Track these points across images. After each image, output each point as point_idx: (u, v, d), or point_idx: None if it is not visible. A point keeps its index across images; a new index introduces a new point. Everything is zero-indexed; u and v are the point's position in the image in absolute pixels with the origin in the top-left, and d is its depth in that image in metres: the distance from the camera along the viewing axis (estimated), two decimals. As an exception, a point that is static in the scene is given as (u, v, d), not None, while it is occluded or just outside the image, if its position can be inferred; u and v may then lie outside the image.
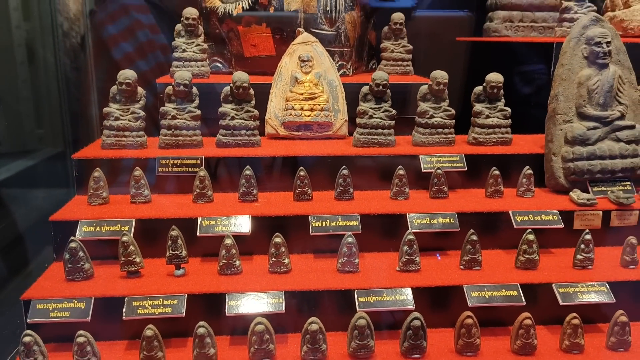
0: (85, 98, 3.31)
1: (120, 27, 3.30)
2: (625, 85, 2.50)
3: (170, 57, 2.97)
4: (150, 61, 3.31)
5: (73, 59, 3.28)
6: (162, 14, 3.47)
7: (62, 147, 3.29)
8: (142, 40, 3.31)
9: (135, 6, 3.37)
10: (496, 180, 2.43)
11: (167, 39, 3.32)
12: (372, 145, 2.62)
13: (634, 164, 2.44)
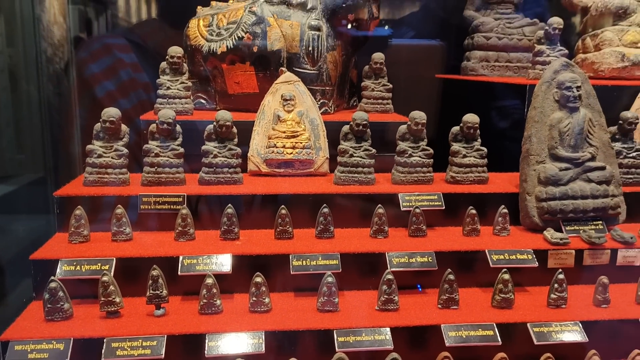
0: (68, 132, 3.33)
1: (103, 65, 3.36)
2: (595, 127, 2.60)
3: (152, 95, 3.02)
4: (132, 99, 3.36)
5: (56, 85, 3.31)
6: (144, 52, 3.54)
7: (43, 173, 3.29)
8: (125, 79, 3.37)
9: (118, 45, 3.44)
10: (473, 219, 2.49)
11: (149, 77, 3.38)
12: (352, 183, 2.67)
13: (605, 204, 2.52)
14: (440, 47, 4.62)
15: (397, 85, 3.50)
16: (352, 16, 3.19)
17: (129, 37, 3.60)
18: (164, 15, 3.89)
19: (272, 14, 3.12)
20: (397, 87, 3.49)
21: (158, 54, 3.11)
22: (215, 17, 3.23)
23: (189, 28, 3.26)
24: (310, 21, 3.10)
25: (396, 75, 3.77)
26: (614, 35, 3.39)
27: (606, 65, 3.36)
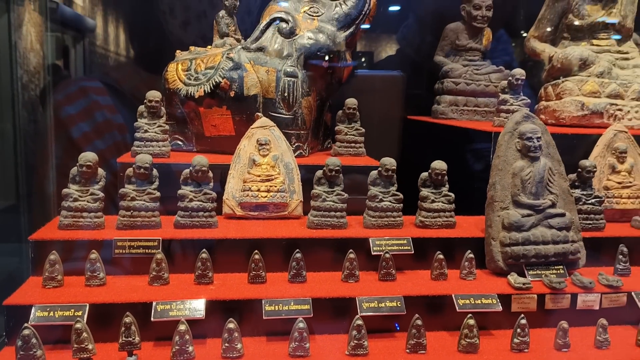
0: (43, 167, 3.34)
1: (79, 107, 3.42)
2: (555, 176, 2.74)
3: (127, 136, 3.07)
4: (107, 140, 3.42)
5: (31, 112, 3.34)
6: (119, 95, 3.62)
7: (15, 200, 3.28)
8: (100, 120, 3.44)
9: (94, 88, 3.52)
10: (440, 263, 2.58)
11: (124, 119, 3.45)
12: (325, 227, 2.74)
13: (565, 249, 2.64)
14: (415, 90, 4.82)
15: (371, 125, 3.62)
16: (326, 63, 3.31)
17: (105, 80, 3.68)
18: (140, 59, 3.99)
19: (249, 60, 3.23)
20: (371, 128, 3.62)
21: (133, 97, 3.18)
22: (193, 61, 3.32)
23: (167, 72, 3.34)
24: (286, 68, 3.21)
25: (370, 116, 3.92)
26: (574, 85, 3.58)
27: (567, 113, 3.54)
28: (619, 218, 3.11)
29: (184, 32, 3.90)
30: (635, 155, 3.16)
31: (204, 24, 3.87)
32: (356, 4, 3.36)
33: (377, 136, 4.17)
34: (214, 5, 3.85)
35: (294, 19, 3.28)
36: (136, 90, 3.51)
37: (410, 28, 4.82)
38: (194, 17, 3.90)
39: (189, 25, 3.91)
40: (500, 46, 4.67)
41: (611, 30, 3.92)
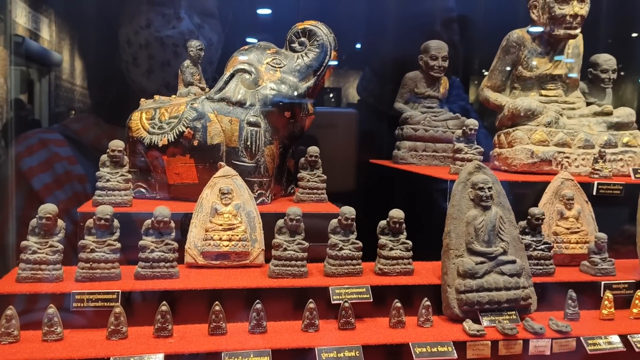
0: (3, 220, 3.31)
1: (39, 159, 3.44)
2: (506, 224, 2.87)
3: (87, 186, 3.08)
4: (67, 191, 3.43)
5: None
6: (79, 145, 3.66)
7: None
8: (61, 172, 3.45)
9: (54, 140, 3.55)
10: (398, 311, 2.65)
11: (84, 169, 3.47)
12: (286, 277, 2.79)
13: (517, 296, 2.74)
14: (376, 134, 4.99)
15: (334, 167, 3.73)
16: (288, 113, 3.41)
17: (64, 132, 3.72)
18: (100, 108, 4.04)
19: (213, 110, 3.30)
20: (334, 169, 3.72)
21: (93, 147, 3.22)
22: (157, 111, 3.38)
23: (131, 120, 3.38)
24: (249, 117, 3.30)
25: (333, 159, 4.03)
26: (524, 134, 3.77)
27: (518, 160, 3.72)
28: (568, 262, 3.25)
29: (147, 81, 3.98)
30: (582, 202, 3.33)
31: (168, 73, 3.97)
32: (317, 56, 3.49)
33: (339, 178, 4.29)
34: (178, 55, 3.95)
35: (257, 71, 3.38)
36: (96, 141, 3.57)
37: (368, 78, 5.01)
38: (157, 66, 3.98)
39: (152, 74, 3.99)
40: (455, 91, 4.90)
41: (558, 82, 4.17)
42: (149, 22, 3.97)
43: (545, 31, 4.05)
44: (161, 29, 3.98)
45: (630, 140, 3.90)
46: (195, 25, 4.05)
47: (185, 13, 4.00)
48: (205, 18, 4.13)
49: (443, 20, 5.00)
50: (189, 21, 4.03)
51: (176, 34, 3.98)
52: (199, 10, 4.11)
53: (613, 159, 3.79)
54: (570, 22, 3.93)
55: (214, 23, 4.20)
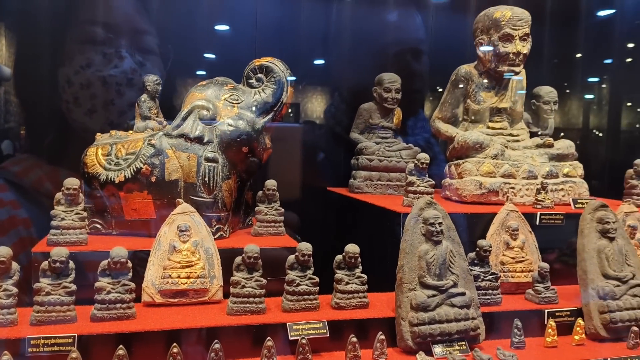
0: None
1: None
2: (456, 257, 3.00)
3: (32, 230, 3.05)
4: (12, 237, 3.38)
5: None
6: (19, 188, 3.63)
7: None
8: (4, 218, 3.41)
9: None
10: (354, 346, 2.73)
11: (27, 213, 3.45)
12: (244, 314, 2.83)
13: (466, 327, 2.87)
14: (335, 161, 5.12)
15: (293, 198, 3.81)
16: (246, 148, 3.47)
17: (4, 175, 3.69)
18: (39, 151, 4.04)
19: (171, 146, 3.33)
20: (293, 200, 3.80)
21: (35, 190, 3.20)
22: (114, 146, 3.38)
23: (87, 156, 3.37)
24: (207, 153, 3.34)
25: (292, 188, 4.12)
26: (473, 166, 3.95)
27: (467, 191, 3.89)
28: (514, 290, 3.41)
29: (89, 120, 4.02)
30: (526, 232, 3.52)
31: (112, 112, 4.04)
32: (274, 92, 3.58)
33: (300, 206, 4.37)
34: (121, 94, 4.00)
35: (214, 107, 3.44)
36: (37, 183, 3.54)
37: (327, 106, 5.15)
38: (100, 105, 4.03)
39: (94, 113, 4.03)
40: (419, 123, 5.12)
41: (504, 114, 4.40)
42: (89, 62, 4.03)
43: (491, 67, 4.26)
44: (103, 68, 4.04)
45: (570, 171, 4.14)
46: (137, 63, 4.12)
47: (126, 52, 4.07)
48: (146, 56, 4.22)
49: (398, 53, 5.21)
50: (131, 60, 4.10)
51: (119, 73, 4.05)
52: (140, 48, 4.20)
53: (555, 188, 4.01)
54: (513, 59, 4.16)
55: (156, 60, 4.29)
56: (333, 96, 5.30)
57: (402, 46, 5.26)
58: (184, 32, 4.62)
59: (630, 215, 3.75)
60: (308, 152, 5.10)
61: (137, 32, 4.19)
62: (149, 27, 4.25)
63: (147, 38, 4.24)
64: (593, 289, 3.16)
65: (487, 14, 4.25)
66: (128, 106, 4.05)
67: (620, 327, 3.09)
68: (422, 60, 5.33)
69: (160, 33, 4.36)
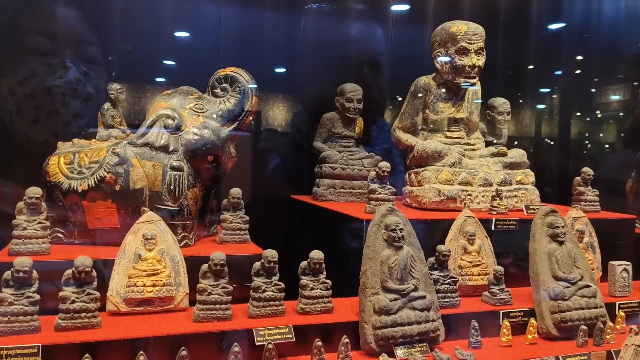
0: None
1: None
2: (416, 262, 3.12)
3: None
4: None
5: None
6: None
7: None
8: None
9: None
10: (319, 350, 2.80)
11: None
12: (211, 320, 2.86)
13: (427, 328, 2.99)
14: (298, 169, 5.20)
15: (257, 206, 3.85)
16: (211, 157, 3.51)
17: None
18: None
19: (136, 155, 3.33)
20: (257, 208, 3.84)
21: None
22: (76, 155, 3.36)
23: (48, 164, 3.34)
24: (172, 162, 3.36)
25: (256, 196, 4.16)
26: (432, 174, 4.10)
27: (427, 198, 4.04)
28: (472, 293, 3.56)
29: (33, 131, 4.02)
30: (482, 237, 3.68)
31: (56, 122, 4.06)
32: (239, 102, 3.64)
33: (264, 213, 4.42)
34: (66, 104, 4.00)
35: (179, 116, 3.46)
36: None
37: (290, 115, 5.24)
38: (44, 115, 4.03)
39: (38, 124, 4.02)
40: (383, 135, 5.27)
41: (461, 124, 4.57)
42: (33, 72, 4.03)
43: (448, 79, 4.44)
44: (47, 78, 4.04)
45: (522, 179, 4.35)
46: (81, 73, 4.12)
47: (71, 62, 4.07)
48: (90, 66, 4.25)
49: (359, 64, 5.35)
50: (76, 70, 4.11)
51: (63, 83, 4.05)
52: (84, 59, 4.22)
53: (508, 195, 4.20)
54: (469, 72, 4.35)
55: (100, 70, 4.32)
56: (296, 105, 5.40)
57: (363, 57, 5.40)
58: (147, 40, 4.64)
59: (578, 220, 3.97)
60: (271, 161, 5.17)
61: (81, 43, 4.24)
62: (93, 38, 4.28)
63: (91, 48, 4.28)
64: (544, 290, 3.34)
65: (444, 28, 4.43)
66: (72, 116, 4.07)
67: (570, 326, 3.26)
68: (383, 71, 5.49)
69: (115, 43, 4.41)
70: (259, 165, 5.15)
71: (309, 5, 5.33)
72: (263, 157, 5.20)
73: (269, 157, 5.16)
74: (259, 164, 5.15)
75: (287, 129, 5.36)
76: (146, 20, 4.65)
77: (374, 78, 5.41)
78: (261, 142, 5.30)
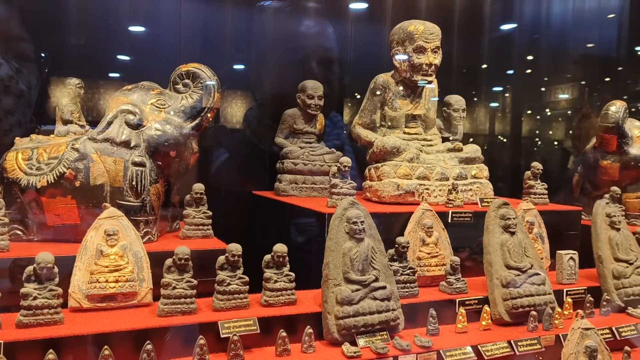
0: None
1: None
2: (377, 253, 3.22)
3: None
4: None
5: None
6: None
7: None
8: None
9: None
10: (284, 340, 2.86)
11: None
12: (175, 314, 2.88)
13: (387, 318, 3.10)
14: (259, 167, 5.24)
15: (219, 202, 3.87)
16: (174, 152, 3.51)
17: None
18: None
19: (96, 150, 3.31)
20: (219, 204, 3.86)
21: None
22: (35, 151, 3.30)
23: (6, 161, 3.27)
24: (134, 158, 3.35)
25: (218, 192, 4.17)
26: (391, 169, 4.22)
27: (386, 193, 4.16)
28: (430, 283, 3.70)
29: None
30: (439, 230, 3.82)
31: None
32: (201, 98, 3.65)
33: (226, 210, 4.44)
34: None
35: (141, 111, 3.45)
36: None
37: (252, 111, 5.27)
38: None
39: None
40: (336, 131, 5.35)
41: (418, 121, 4.72)
42: None
43: (406, 77, 4.57)
44: None
45: (477, 173, 4.52)
46: (13, 70, 4.04)
47: (2, 59, 3.98)
48: (22, 62, 4.15)
49: (319, 61, 5.43)
50: (7, 67, 4.01)
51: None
52: (16, 55, 4.13)
53: (464, 189, 4.37)
54: (426, 70, 4.49)
55: (32, 67, 4.23)
56: (256, 102, 5.42)
57: (323, 55, 5.48)
58: (99, 35, 4.56)
59: (528, 212, 4.17)
60: (232, 157, 5.18)
61: (12, 39, 4.14)
62: (25, 34, 4.18)
63: (23, 45, 4.18)
64: (497, 278, 3.50)
65: (402, 27, 4.56)
66: (4, 113, 3.96)
67: (521, 312, 3.44)
68: (339, 68, 5.59)
69: (49, 39, 4.31)
70: (220, 161, 5.16)
71: (265, 2, 5.36)
72: (223, 154, 5.20)
73: (229, 154, 5.17)
74: (219, 160, 5.16)
75: (247, 125, 5.38)
76: (99, 15, 4.57)
77: (334, 75, 5.50)
78: (221, 138, 5.30)
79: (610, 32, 7.37)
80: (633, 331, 3.56)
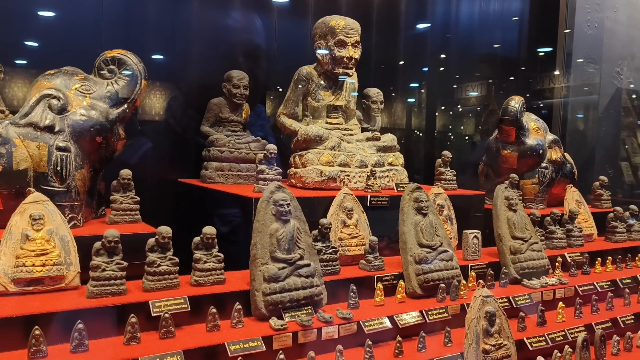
0: None
1: None
2: (302, 234, 3.43)
3: None
4: None
5: None
6: None
7: None
8: None
9: None
10: (214, 316, 3.00)
11: None
12: (105, 296, 2.94)
13: (311, 293, 3.31)
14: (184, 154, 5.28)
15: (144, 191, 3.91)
16: (100, 138, 3.52)
17: None
18: None
19: (19, 135, 3.26)
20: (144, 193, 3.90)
21: None
22: (-49, 135, 3.20)
23: None
24: (59, 143, 3.33)
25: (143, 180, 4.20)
26: (314, 157, 4.45)
27: (310, 179, 4.38)
28: (350, 262, 3.96)
29: None
30: (359, 212, 4.10)
31: None
32: (127, 84, 3.68)
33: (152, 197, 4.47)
34: None
35: (65, 96, 3.43)
36: None
37: (176, 100, 5.30)
38: None
39: None
40: (259, 122, 5.49)
41: (339, 111, 4.98)
42: None
43: (328, 69, 4.81)
44: None
45: (393, 160, 4.85)
46: None
47: None
48: None
49: (245, 52, 5.54)
50: None
51: None
52: None
53: (381, 175, 4.68)
54: (347, 63, 4.75)
55: None
56: (181, 90, 5.45)
57: (248, 46, 5.61)
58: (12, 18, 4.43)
59: (439, 195, 4.56)
60: (157, 146, 5.19)
61: None
62: None
63: None
64: (411, 256, 3.83)
65: (324, 21, 4.79)
66: None
67: (431, 285, 3.78)
68: (267, 59, 5.74)
69: None
70: (144, 150, 5.15)
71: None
72: (147, 143, 5.20)
73: (153, 142, 5.17)
74: (144, 149, 5.15)
75: (172, 113, 5.40)
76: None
77: (258, 66, 5.64)
78: (146, 126, 5.30)
79: (513, 34, 8.03)
80: (527, 300, 4.02)
